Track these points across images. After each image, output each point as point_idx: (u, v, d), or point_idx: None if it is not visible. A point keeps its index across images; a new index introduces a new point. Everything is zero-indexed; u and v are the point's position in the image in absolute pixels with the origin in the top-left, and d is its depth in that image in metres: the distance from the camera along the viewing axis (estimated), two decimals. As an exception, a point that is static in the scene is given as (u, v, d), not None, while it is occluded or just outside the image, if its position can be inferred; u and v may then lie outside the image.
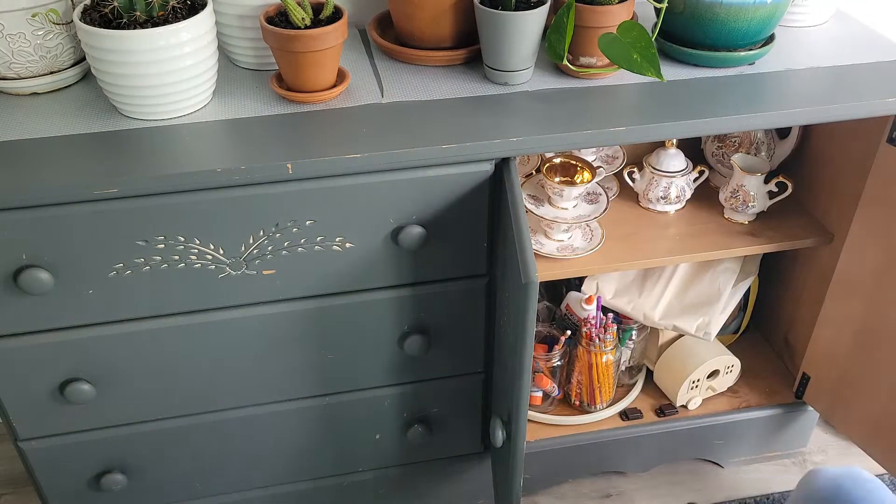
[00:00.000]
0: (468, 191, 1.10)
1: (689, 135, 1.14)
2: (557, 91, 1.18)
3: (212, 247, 1.08)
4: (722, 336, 1.67)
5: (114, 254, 1.06)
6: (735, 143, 1.50)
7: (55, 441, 1.25)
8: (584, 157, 1.47)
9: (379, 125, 1.09)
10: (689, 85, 1.20)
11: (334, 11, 1.12)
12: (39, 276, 1.04)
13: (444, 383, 1.35)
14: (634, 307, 1.50)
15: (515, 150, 1.08)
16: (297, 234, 1.10)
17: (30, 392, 1.18)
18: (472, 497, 1.58)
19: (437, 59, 1.23)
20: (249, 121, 1.10)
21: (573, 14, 1.12)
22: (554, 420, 1.55)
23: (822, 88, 1.19)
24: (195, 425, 1.29)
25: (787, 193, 1.42)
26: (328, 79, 1.13)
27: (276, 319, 1.18)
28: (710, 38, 1.20)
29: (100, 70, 1.05)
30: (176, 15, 1.04)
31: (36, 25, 1.08)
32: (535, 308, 0.98)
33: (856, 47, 1.30)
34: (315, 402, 1.32)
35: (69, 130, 1.07)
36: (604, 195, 1.39)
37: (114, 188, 0.98)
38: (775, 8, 1.18)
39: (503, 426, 1.21)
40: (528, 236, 1.00)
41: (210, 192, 1.03)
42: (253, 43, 1.18)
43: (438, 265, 1.18)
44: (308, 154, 1.02)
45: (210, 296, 1.13)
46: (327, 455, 1.41)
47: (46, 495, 1.33)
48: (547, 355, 1.51)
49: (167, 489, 1.38)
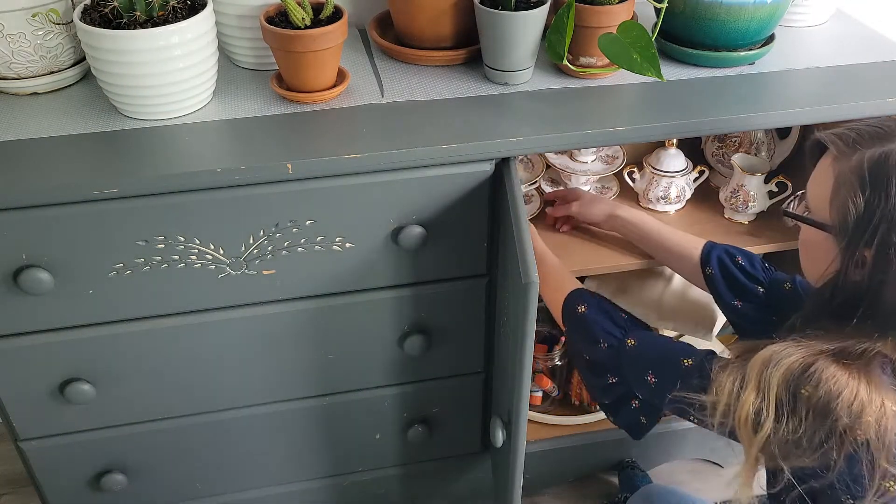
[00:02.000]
0: (468, 191, 1.10)
1: (689, 135, 1.14)
2: (557, 91, 1.18)
3: (212, 247, 1.08)
4: (722, 336, 1.67)
5: (114, 254, 1.05)
6: (735, 143, 1.50)
7: (55, 441, 1.25)
8: (585, 156, 1.47)
9: (379, 125, 1.09)
10: (689, 85, 1.20)
11: (334, 11, 1.12)
12: (39, 276, 1.04)
13: (444, 383, 1.35)
14: (634, 307, 1.50)
15: (515, 150, 1.08)
16: (297, 234, 1.10)
17: (30, 392, 1.18)
18: (472, 497, 1.58)
19: (437, 59, 1.23)
20: (249, 121, 1.10)
21: (573, 14, 1.12)
22: (554, 420, 1.55)
23: (822, 88, 1.19)
24: (195, 425, 1.29)
25: (787, 193, 1.42)
26: (328, 79, 1.13)
27: (276, 319, 1.18)
28: (710, 38, 1.20)
29: (100, 70, 1.05)
30: (176, 15, 1.04)
31: (36, 25, 1.08)
32: (535, 308, 0.98)
33: (856, 47, 1.31)
34: (315, 402, 1.32)
35: (69, 130, 1.07)
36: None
37: (114, 188, 0.98)
38: (775, 8, 1.18)
39: (503, 426, 1.21)
40: (528, 236, 1.00)
41: (210, 192, 1.03)
42: (253, 43, 1.18)
43: (439, 265, 1.18)
44: (308, 154, 1.02)
45: (210, 296, 1.13)
46: (327, 455, 1.41)
47: (46, 495, 1.33)
48: (547, 355, 1.52)
49: (167, 489, 1.38)
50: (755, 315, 1.21)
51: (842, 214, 0.85)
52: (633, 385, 1.09)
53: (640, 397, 1.11)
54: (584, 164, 1.45)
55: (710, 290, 1.24)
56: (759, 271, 1.21)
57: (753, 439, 0.87)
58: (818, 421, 0.83)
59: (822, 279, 0.91)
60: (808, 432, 0.83)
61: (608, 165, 1.47)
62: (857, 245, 0.84)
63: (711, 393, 0.91)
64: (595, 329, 1.12)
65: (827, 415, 0.82)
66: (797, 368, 0.85)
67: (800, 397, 0.84)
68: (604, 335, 1.11)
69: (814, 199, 0.91)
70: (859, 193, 0.84)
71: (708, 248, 1.24)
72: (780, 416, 0.85)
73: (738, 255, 1.23)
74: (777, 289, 1.19)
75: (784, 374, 0.85)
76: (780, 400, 0.85)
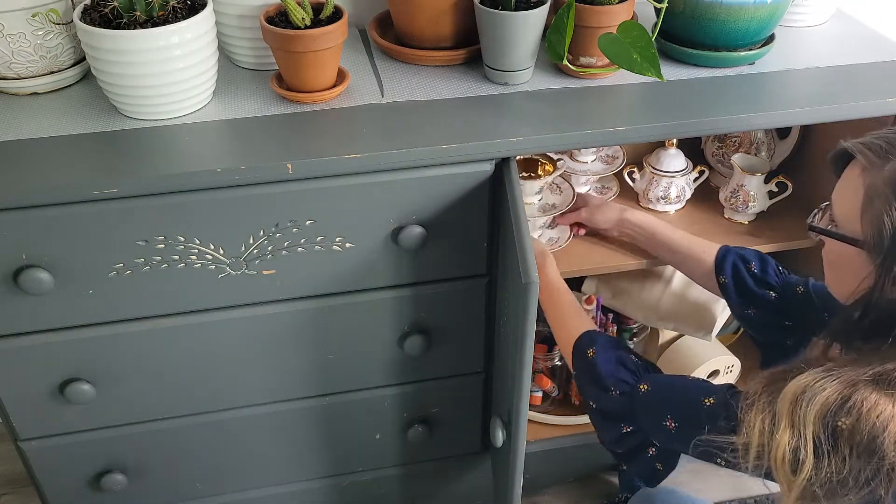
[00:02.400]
0: (468, 191, 1.10)
1: (689, 135, 1.14)
2: (557, 91, 1.18)
3: (212, 247, 1.08)
4: (722, 336, 1.67)
5: (114, 254, 1.05)
6: (735, 143, 1.50)
7: (55, 441, 1.25)
8: (585, 156, 1.47)
9: (379, 125, 1.09)
10: (689, 85, 1.20)
11: (334, 11, 1.12)
12: (39, 276, 1.04)
13: (444, 383, 1.35)
14: (634, 307, 1.50)
15: (515, 150, 1.08)
16: (297, 234, 1.10)
17: (30, 392, 1.18)
18: (472, 497, 1.58)
19: (437, 59, 1.23)
20: (249, 121, 1.10)
21: (573, 14, 1.12)
22: (554, 420, 1.55)
23: (822, 88, 1.19)
24: (195, 425, 1.29)
25: (787, 193, 1.42)
26: (328, 79, 1.13)
27: (276, 319, 1.18)
28: (710, 38, 1.20)
29: (100, 70, 1.05)
30: (176, 15, 1.04)
31: (36, 25, 1.08)
32: (535, 308, 0.98)
33: (856, 47, 1.30)
34: (315, 402, 1.32)
35: (69, 130, 1.07)
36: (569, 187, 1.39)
37: (114, 188, 0.98)
38: (775, 8, 1.18)
39: (503, 426, 1.21)
40: (528, 236, 1.00)
41: (210, 192, 1.03)
42: (253, 43, 1.18)
43: (439, 265, 1.18)
44: (308, 154, 1.02)
45: (210, 296, 1.13)
46: (327, 455, 1.41)
47: (46, 495, 1.33)
48: (547, 355, 1.52)
49: (167, 489, 1.38)
50: (768, 320, 1.19)
51: (876, 228, 0.79)
52: (649, 433, 1.03)
53: (656, 445, 1.05)
54: (584, 165, 1.45)
55: (723, 297, 1.23)
56: (771, 276, 1.19)
57: (793, 482, 0.79)
58: (864, 458, 0.76)
59: (853, 296, 0.84)
60: (854, 471, 0.76)
61: (608, 165, 1.47)
62: (894, 261, 0.79)
63: (742, 434, 0.84)
64: (605, 375, 1.06)
65: (874, 451, 0.75)
66: (834, 402, 0.77)
67: (840, 434, 0.77)
68: (615, 382, 1.05)
69: (841, 212, 0.85)
70: (895, 206, 0.78)
71: (722, 255, 1.21)
72: (819, 455, 0.78)
73: (752, 261, 1.20)
74: (790, 293, 1.16)
75: (820, 409, 0.78)
76: (818, 438, 0.78)
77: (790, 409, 0.80)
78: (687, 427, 0.95)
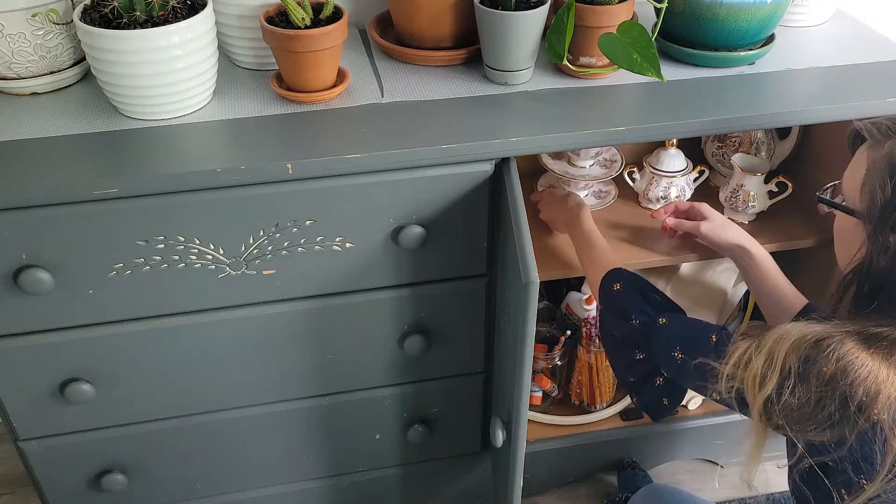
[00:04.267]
0: (468, 191, 1.10)
1: (689, 135, 1.14)
2: (557, 91, 1.18)
3: (212, 247, 1.08)
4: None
5: (114, 254, 1.05)
6: (735, 143, 1.50)
7: (55, 441, 1.25)
8: (583, 161, 1.47)
9: (379, 125, 1.09)
10: (689, 85, 1.20)
11: (334, 11, 1.12)
12: (39, 276, 1.04)
13: (444, 383, 1.35)
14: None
15: (515, 150, 1.08)
16: (297, 234, 1.10)
17: (30, 392, 1.18)
18: (472, 497, 1.58)
19: (437, 59, 1.23)
20: (249, 121, 1.10)
21: (573, 14, 1.12)
22: (554, 420, 1.55)
23: (822, 88, 1.19)
24: (195, 425, 1.29)
25: (787, 193, 1.42)
26: (328, 79, 1.13)
27: (276, 319, 1.18)
28: (710, 38, 1.20)
29: (100, 70, 1.05)
30: (176, 15, 1.04)
31: (36, 25, 1.08)
32: (535, 308, 0.98)
33: (856, 47, 1.30)
34: (315, 402, 1.32)
35: (69, 130, 1.07)
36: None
37: (114, 188, 0.98)
38: (775, 8, 1.18)
39: (503, 426, 1.21)
40: (528, 236, 1.00)
41: (210, 192, 1.03)
42: (253, 43, 1.18)
43: (438, 265, 1.18)
44: (308, 154, 1.02)
45: (210, 296, 1.13)
46: (327, 455, 1.41)
47: (46, 495, 1.33)
48: (547, 355, 1.51)
49: (167, 489, 1.38)
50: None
51: (870, 200, 0.86)
52: (659, 362, 1.09)
53: (664, 375, 1.11)
54: (582, 169, 1.44)
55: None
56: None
57: (757, 396, 0.87)
58: (828, 392, 0.82)
59: (850, 266, 0.92)
60: (818, 405, 0.83)
61: (606, 170, 1.47)
62: (882, 230, 0.85)
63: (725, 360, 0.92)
64: (628, 306, 1.12)
65: (837, 386, 0.82)
66: (812, 339, 0.85)
67: (811, 366, 0.84)
68: (636, 312, 1.11)
69: (848, 186, 0.92)
70: (887, 179, 0.84)
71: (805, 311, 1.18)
72: (785, 378, 0.85)
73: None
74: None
75: (797, 341, 0.85)
76: (788, 364, 0.85)
77: (774, 340, 0.88)
78: (692, 358, 1.01)
